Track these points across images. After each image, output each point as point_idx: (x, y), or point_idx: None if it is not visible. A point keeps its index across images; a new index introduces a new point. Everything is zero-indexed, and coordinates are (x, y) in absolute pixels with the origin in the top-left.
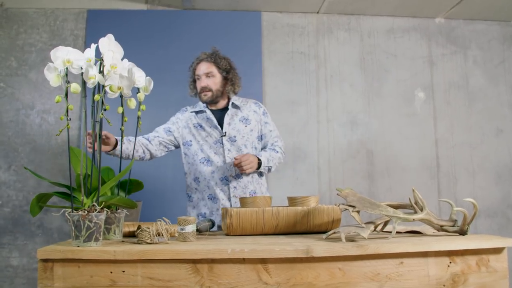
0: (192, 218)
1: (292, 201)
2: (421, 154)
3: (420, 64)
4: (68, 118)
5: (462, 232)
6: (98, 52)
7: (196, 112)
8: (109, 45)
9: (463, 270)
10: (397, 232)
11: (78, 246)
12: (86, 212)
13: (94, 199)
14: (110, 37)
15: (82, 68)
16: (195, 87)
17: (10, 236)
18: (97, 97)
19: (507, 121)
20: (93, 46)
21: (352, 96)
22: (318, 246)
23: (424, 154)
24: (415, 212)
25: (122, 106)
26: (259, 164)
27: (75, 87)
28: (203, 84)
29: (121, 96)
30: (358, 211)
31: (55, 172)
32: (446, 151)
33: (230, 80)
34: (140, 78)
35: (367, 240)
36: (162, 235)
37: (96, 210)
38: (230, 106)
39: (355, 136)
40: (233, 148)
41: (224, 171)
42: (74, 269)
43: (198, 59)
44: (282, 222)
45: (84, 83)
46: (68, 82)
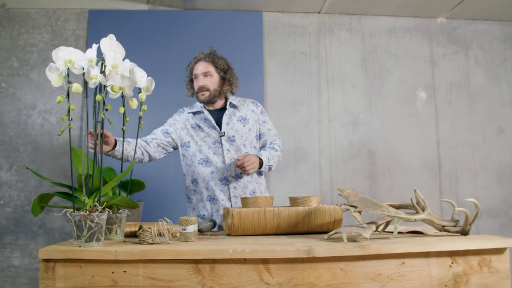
0: (194, 218)
1: (293, 201)
2: (422, 154)
3: (422, 64)
4: (70, 118)
5: (464, 232)
6: (99, 52)
7: (193, 113)
8: (110, 45)
9: (465, 270)
10: (398, 232)
11: (80, 246)
12: (87, 212)
13: (96, 199)
14: (111, 37)
15: (83, 68)
16: (192, 87)
17: (12, 236)
18: (98, 97)
19: (508, 121)
20: (94, 46)
21: (353, 96)
22: (319, 246)
23: (426, 154)
24: (417, 212)
25: (124, 106)
26: (261, 163)
27: (77, 87)
28: (201, 84)
29: (122, 96)
30: (359, 211)
31: (56, 172)
32: (448, 151)
33: (227, 80)
34: (142, 78)
35: (369, 241)
36: (164, 235)
37: (97, 210)
38: (228, 106)
39: (357, 136)
40: (232, 148)
41: (224, 172)
42: (75, 269)
43: (196, 59)
44: (283, 222)
45: (85, 83)
46: (69, 82)
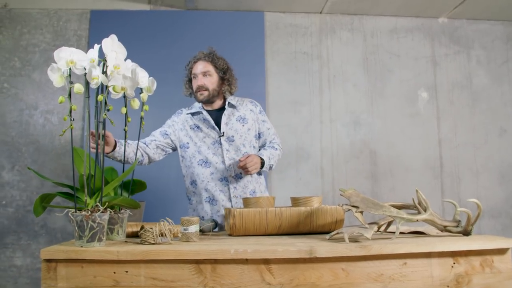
0: (195, 219)
1: (295, 201)
2: (424, 154)
3: (423, 64)
4: (72, 119)
5: (466, 233)
6: (101, 53)
7: (192, 114)
8: (112, 45)
9: (467, 271)
10: (400, 233)
11: (82, 246)
12: (89, 212)
13: (98, 199)
14: (113, 37)
15: (85, 69)
16: (191, 87)
17: (14, 236)
18: (100, 97)
19: (510, 121)
20: (96, 46)
21: (355, 96)
22: (321, 247)
23: (428, 154)
24: (419, 212)
25: (126, 107)
26: (262, 163)
27: (79, 87)
28: (200, 83)
29: (124, 96)
30: (361, 212)
31: (58, 173)
32: (450, 151)
33: (227, 80)
34: (143, 78)
35: (371, 241)
36: (165, 236)
37: (99, 210)
38: (226, 106)
39: (358, 136)
40: (231, 148)
41: (224, 172)
42: (77, 269)
43: (195, 58)
44: (285, 223)
45: (87, 84)
46: (71, 83)
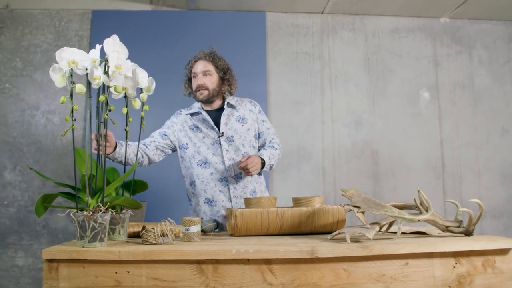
0: (197, 219)
1: (296, 201)
2: (426, 155)
3: (425, 64)
4: (73, 119)
5: (468, 233)
6: (103, 53)
7: (191, 114)
8: (113, 45)
9: (468, 271)
10: (402, 233)
11: (83, 247)
12: (91, 212)
13: (99, 199)
14: (114, 37)
15: (87, 69)
16: (190, 86)
17: (16, 236)
18: (102, 97)
19: None
20: (97, 47)
21: (356, 96)
22: (323, 247)
23: (429, 155)
24: (420, 212)
25: (127, 107)
26: (262, 164)
27: (80, 87)
28: (200, 82)
29: (125, 96)
30: (363, 212)
31: (60, 173)
32: (451, 151)
33: (227, 81)
34: (143, 78)
35: (372, 241)
36: (167, 236)
37: (101, 210)
38: (225, 106)
39: (360, 136)
40: (231, 148)
41: (223, 172)
42: (79, 269)
43: (196, 57)
44: (286, 223)
45: (89, 84)
46: (73, 83)
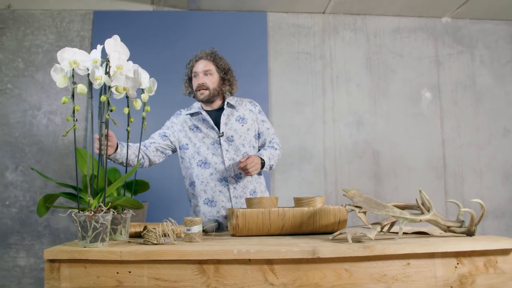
0: (198, 219)
1: (298, 201)
2: (427, 155)
3: (427, 64)
4: (75, 119)
5: (470, 233)
6: (104, 53)
7: (191, 114)
8: (115, 46)
9: (470, 271)
10: (403, 233)
11: (85, 247)
12: (92, 212)
13: (101, 199)
14: (116, 38)
15: (88, 69)
16: (190, 86)
17: (18, 236)
18: (103, 98)
19: None
20: (99, 47)
21: (358, 96)
22: (324, 247)
23: (431, 155)
24: (422, 213)
25: (128, 107)
26: (262, 164)
27: (82, 88)
28: (201, 81)
29: (127, 97)
30: (364, 212)
31: (61, 173)
32: (453, 151)
33: (227, 81)
34: (144, 79)
35: (374, 241)
36: (168, 236)
37: (102, 210)
38: (225, 106)
39: (361, 137)
40: (231, 148)
41: (223, 172)
42: (80, 269)
43: (197, 57)
44: (288, 223)
45: (90, 84)
46: (74, 83)
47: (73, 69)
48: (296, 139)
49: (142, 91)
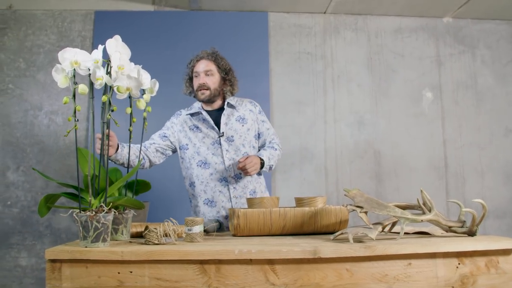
0: (200, 219)
1: (299, 201)
2: (429, 155)
3: (428, 64)
4: (76, 119)
5: (471, 233)
6: (105, 53)
7: (191, 114)
8: (116, 46)
9: (472, 271)
10: (405, 233)
11: (86, 247)
12: (93, 212)
13: (102, 199)
14: (117, 38)
15: (89, 69)
16: (191, 85)
17: (19, 236)
18: (104, 98)
19: None
20: (100, 47)
21: (359, 96)
22: (325, 247)
23: (432, 155)
24: (423, 213)
25: (131, 107)
26: (262, 164)
27: (83, 88)
28: (202, 82)
29: (129, 97)
30: (365, 212)
31: (63, 173)
32: (454, 151)
33: (229, 81)
34: (146, 80)
35: (375, 241)
36: (170, 236)
37: (103, 210)
38: (226, 106)
39: (363, 137)
40: (231, 148)
41: (223, 172)
42: (82, 269)
43: (198, 57)
44: (289, 223)
45: (91, 84)
46: (75, 83)
47: (74, 69)
48: (297, 139)
49: (144, 91)
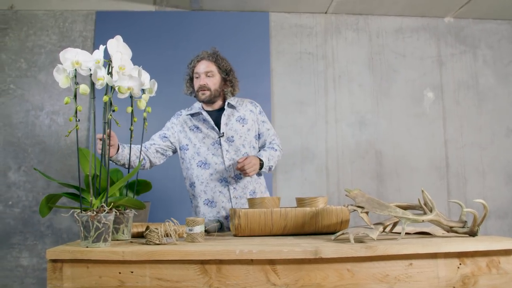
0: (200, 219)
1: (300, 202)
2: (430, 155)
3: (429, 64)
4: (77, 119)
5: (472, 233)
6: (106, 54)
7: (191, 115)
8: (117, 46)
9: (473, 271)
10: (406, 233)
11: (87, 247)
12: (94, 212)
13: (103, 199)
14: (118, 38)
15: (90, 70)
16: (192, 86)
17: (20, 236)
18: (105, 98)
19: None
20: (101, 47)
21: (360, 96)
22: (326, 247)
23: (433, 155)
24: (425, 213)
25: (132, 106)
26: (261, 164)
27: (84, 88)
28: (202, 83)
29: (131, 96)
30: (366, 212)
31: (64, 173)
32: (456, 151)
33: (229, 82)
34: (145, 80)
35: (376, 241)
36: (171, 236)
37: (104, 210)
38: (226, 106)
39: (364, 137)
40: (231, 149)
41: (223, 173)
42: (83, 269)
43: (199, 57)
44: (290, 223)
45: (92, 85)
46: (77, 84)
47: (75, 69)
48: (299, 139)
49: (143, 91)
